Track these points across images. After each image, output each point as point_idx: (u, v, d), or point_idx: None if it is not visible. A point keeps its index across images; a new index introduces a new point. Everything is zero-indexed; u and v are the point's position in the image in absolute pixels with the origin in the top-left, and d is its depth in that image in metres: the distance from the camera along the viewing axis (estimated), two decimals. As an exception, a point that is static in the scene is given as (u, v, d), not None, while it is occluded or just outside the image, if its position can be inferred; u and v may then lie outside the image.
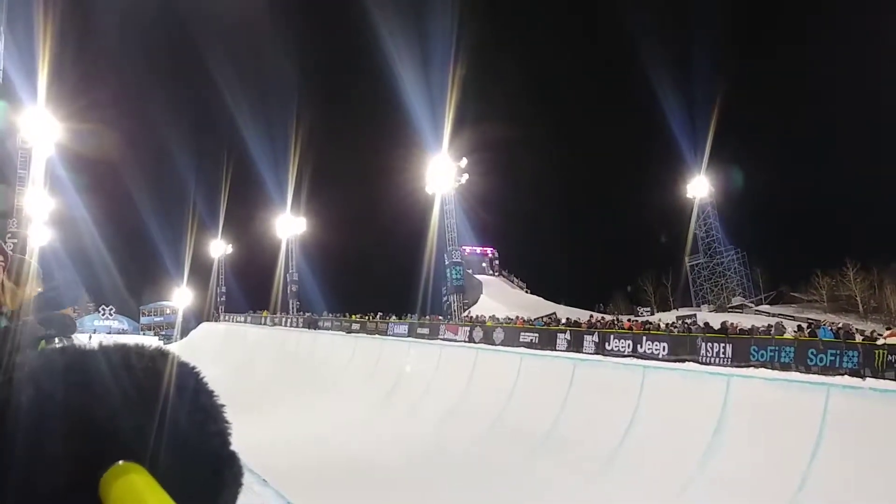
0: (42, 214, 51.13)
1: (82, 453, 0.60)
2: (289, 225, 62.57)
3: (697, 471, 17.75)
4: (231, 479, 0.71)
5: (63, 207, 57.35)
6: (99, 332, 69.55)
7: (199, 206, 73.97)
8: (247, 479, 0.76)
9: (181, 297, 78.84)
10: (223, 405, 0.75)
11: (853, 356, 18.36)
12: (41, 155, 45.34)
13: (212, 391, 0.76)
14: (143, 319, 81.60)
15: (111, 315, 76.31)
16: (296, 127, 63.07)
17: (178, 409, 0.68)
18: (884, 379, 17.20)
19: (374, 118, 79.86)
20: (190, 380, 0.74)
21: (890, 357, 17.70)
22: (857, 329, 24.99)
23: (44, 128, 44.76)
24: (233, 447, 0.73)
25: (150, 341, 0.80)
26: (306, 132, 63.34)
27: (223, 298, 71.47)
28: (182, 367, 0.74)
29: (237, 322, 60.57)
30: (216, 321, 67.60)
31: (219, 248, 73.75)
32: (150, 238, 73.09)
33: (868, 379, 17.41)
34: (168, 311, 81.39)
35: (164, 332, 77.71)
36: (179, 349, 62.48)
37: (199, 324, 70.33)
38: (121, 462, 0.59)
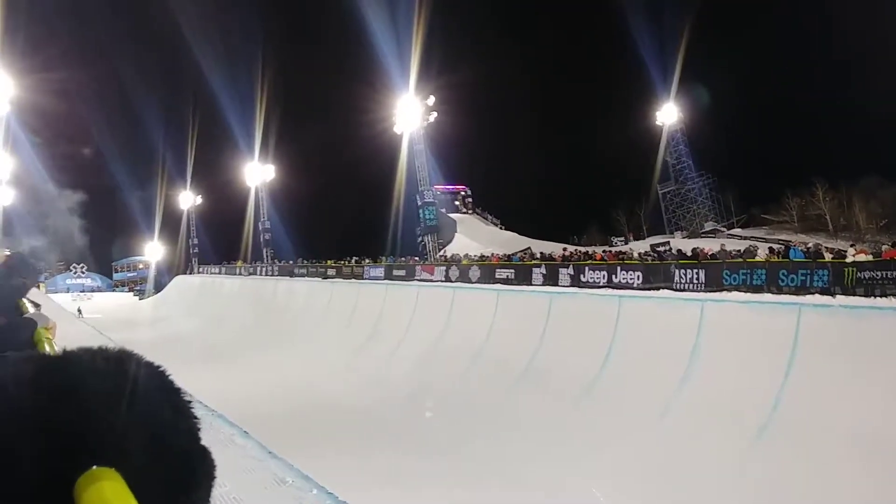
0: (2, 174, 50.02)
1: (54, 460, 0.59)
2: (257, 172, 61.81)
3: (675, 395, 18.08)
4: (203, 475, 0.71)
5: (24, 166, 56.23)
6: (72, 290, 69.15)
7: (166, 158, 72.88)
8: (228, 431, 0.73)
9: (153, 251, 78.13)
10: (191, 401, 0.74)
11: (823, 275, 18.59)
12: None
13: (179, 388, 0.74)
14: (116, 276, 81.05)
15: (83, 273, 75.58)
16: (261, 71, 61.97)
17: (147, 410, 0.68)
18: (854, 296, 17.47)
19: (340, 58, 78.68)
20: (157, 379, 0.73)
21: (859, 274, 17.95)
22: (826, 248, 25.33)
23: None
24: (203, 442, 0.73)
25: (109, 345, 0.74)
26: (271, 76, 62.26)
27: (195, 251, 70.86)
28: (148, 367, 0.74)
29: (212, 274, 60.31)
30: (190, 274, 67.15)
31: (188, 199, 72.74)
32: (117, 193, 72.03)
33: (838, 297, 17.68)
34: (141, 266, 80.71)
35: (137, 288, 77.31)
36: (154, 303, 62.57)
37: (172, 278, 69.82)
38: (94, 467, 0.59)
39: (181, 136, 70.55)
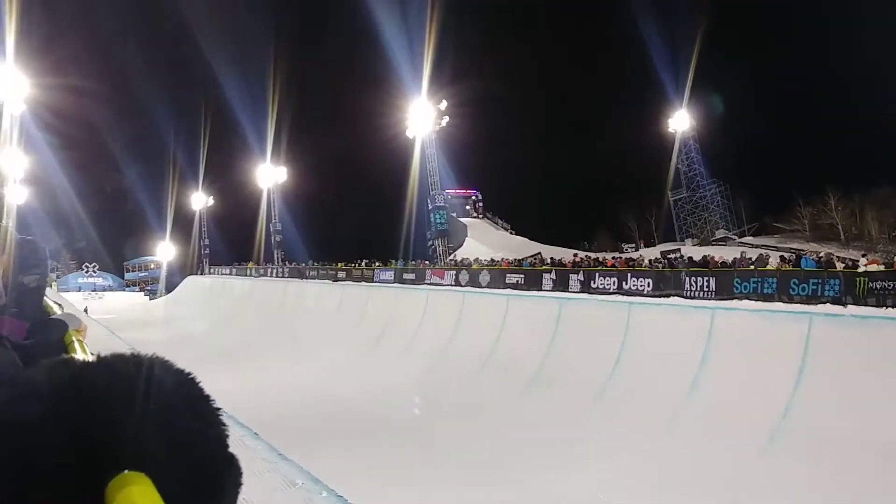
0: (17, 173, 50.42)
1: (87, 464, 0.60)
2: (270, 174, 61.98)
3: (685, 403, 18.06)
4: (231, 482, 0.72)
5: (39, 165, 56.66)
6: (83, 289, 69.46)
7: (178, 159, 73.06)
8: (238, 432, 0.76)
9: (165, 251, 78.43)
10: (220, 409, 0.75)
11: (835, 284, 18.54)
12: (12, 112, 44.50)
13: (208, 396, 0.75)
14: (128, 275, 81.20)
15: (95, 272, 75.80)
16: (273, 73, 61.85)
17: (178, 417, 0.69)
18: (865, 306, 17.43)
19: (353, 61, 78.53)
20: (187, 387, 0.74)
21: (871, 284, 17.89)
22: (838, 257, 25.24)
23: (14, 84, 43.81)
24: (231, 449, 0.73)
25: (127, 353, 0.78)
26: (284, 78, 62.18)
27: (207, 251, 71.04)
28: (179, 375, 0.75)
29: (222, 275, 60.41)
30: (201, 274, 67.36)
31: (200, 200, 72.98)
32: (130, 193, 72.55)
33: (849, 306, 17.63)
34: (152, 266, 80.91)
35: (148, 288, 77.56)
36: (165, 303, 62.76)
37: (183, 278, 70.01)
38: (125, 472, 0.60)
39: (194, 137, 70.79)
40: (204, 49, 65.68)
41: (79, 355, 1.61)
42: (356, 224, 71.34)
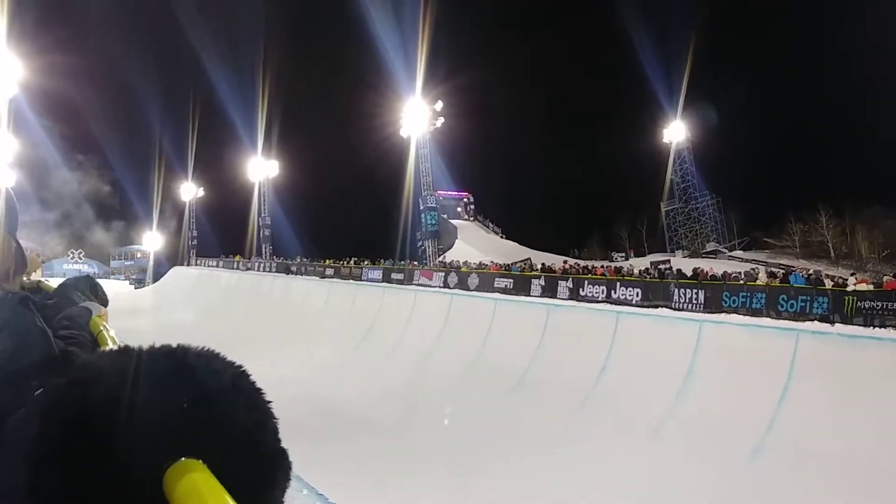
0: (6, 155, 50.07)
1: (148, 449, 0.63)
2: (260, 168, 61.77)
3: (669, 413, 18.06)
4: (283, 475, 0.74)
5: (28, 149, 56.33)
6: (68, 275, 68.78)
7: (167, 149, 73.02)
8: None
9: (152, 241, 78.07)
10: (271, 401, 0.78)
11: (823, 302, 18.59)
12: (4, 95, 44.24)
13: (261, 389, 0.78)
14: (114, 263, 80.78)
15: (80, 258, 75.44)
16: (265, 67, 61.91)
17: (235, 408, 0.72)
18: (852, 325, 17.47)
19: (347, 58, 78.37)
20: (242, 379, 0.77)
21: (859, 303, 17.93)
22: (827, 275, 25.28)
23: (6, 67, 43.53)
24: (283, 444, 0.76)
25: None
26: (275, 73, 62.18)
27: (194, 242, 70.73)
28: (235, 368, 0.78)
29: (209, 267, 60.07)
30: (187, 265, 66.99)
31: (189, 191, 72.74)
32: (118, 180, 72.14)
33: (837, 325, 17.67)
34: (139, 255, 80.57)
35: (134, 277, 77.05)
36: (150, 293, 62.39)
37: (170, 268, 69.67)
38: (183, 459, 0.63)
39: (184, 128, 70.77)
40: (195, 40, 65.81)
41: (108, 341, 1.62)
42: (348, 222, 71.43)
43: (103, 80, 68.96)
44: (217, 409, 0.69)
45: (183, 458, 0.62)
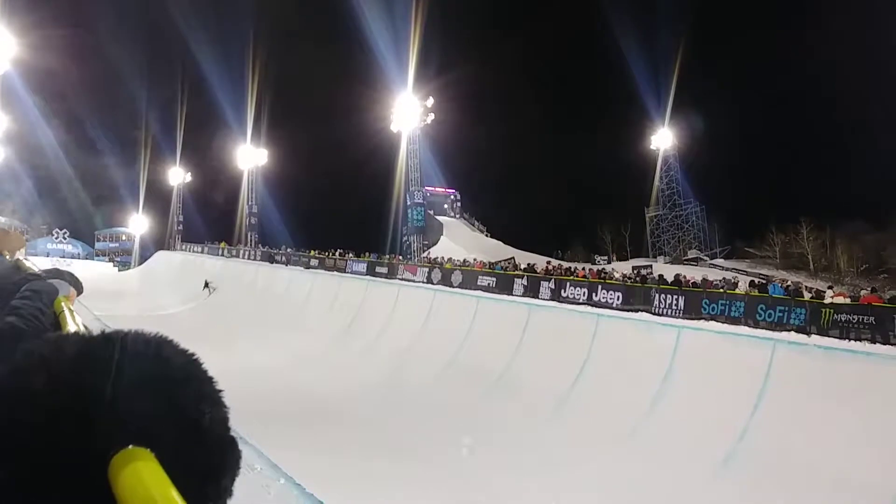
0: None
1: (93, 437, 0.62)
2: (249, 156, 61.56)
3: (644, 418, 18.21)
4: (232, 464, 0.75)
5: (15, 126, 55.89)
6: (52, 255, 68.38)
7: (156, 132, 72.69)
8: None
9: (138, 224, 77.68)
10: (222, 390, 0.78)
11: (801, 313, 18.86)
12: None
13: (212, 377, 0.78)
14: (98, 244, 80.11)
15: (65, 238, 74.79)
16: (253, 57, 61.73)
17: (185, 396, 0.72)
18: (828, 336, 17.72)
19: (338, 51, 78.38)
20: (194, 367, 0.77)
21: (836, 316, 18.21)
22: (806, 287, 25.60)
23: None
24: (232, 432, 0.77)
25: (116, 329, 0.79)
26: (265, 63, 62.05)
27: (180, 227, 70.40)
28: (186, 355, 0.78)
29: (194, 252, 59.77)
30: (172, 250, 66.68)
31: (177, 175, 72.39)
32: (106, 162, 71.76)
33: (813, 336, 17.91)
34: (124, 238, 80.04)
35: (119, 259, 76.55)
36: (133, 276, 62.01)
37: (155, 252, 69.32)
38: (130, 447, 0.62)
39: (172, 113, 70.52)
40: (185, 26, 65.33)
41: (70, 323, 1.64)
42: (336, 214, 71.41)
43: (91, 60, 68.54)
44: (165, 396, 0.69)
45: (130, 447, 0.62)
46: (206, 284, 45.41)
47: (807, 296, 21.08)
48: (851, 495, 13.48)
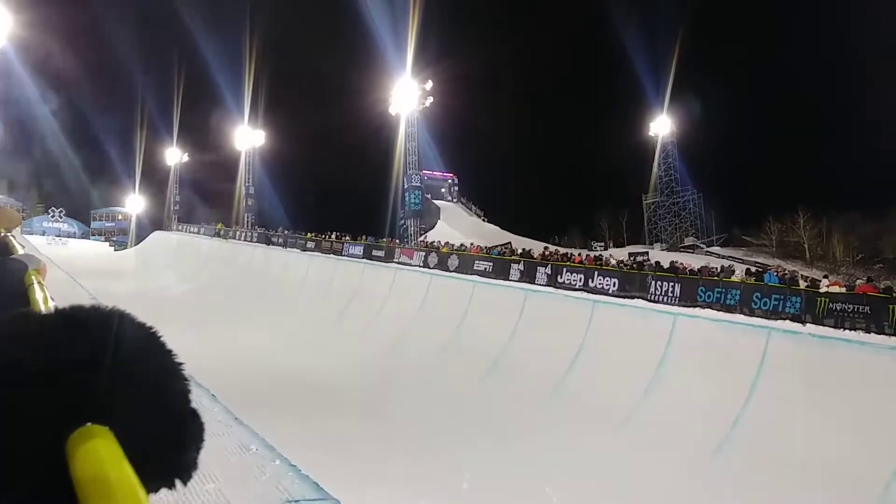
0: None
1: (48, 415, 0.61)
2: (247, 137, 61.35)
3: (638, 404, 18.28)
4: (193, 437, 0.73)
5: (12, 103, 55.67)
6: (48, 234, 68.29)
7: (153, 112, 72.39)
8: (195, 392, 0.75)
9: (134, 203, 77.53)
10: (182, 363, 0.75)
11: (796, 302, 18.90)
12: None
13: (171, 350, 0.75)
14: (94, 224, 79.99)
15: (60, 217, 74.56)
16: (251, 37, 61.40)
17: (141, 370, 0.70)
18: (823, 325, 17.77)
19: (337, 33, 77.86)
20: (149, 340, 0.75)
21: (831, 305, 18.26)
22: (802, 276, 25.66)
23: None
24: (194, 405, 0.75)
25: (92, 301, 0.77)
26: (263, 44, 61.76)
27: (177, 207, 70.28)
28: (141, 328, 0.75)
29: (190, 233, 59.68)
30: (168, 230, 66.57)
31: (174, 155, 72.18)
32: (103, 141, 71.54)
33: (808, 325, 17.96)
34: (120, 217, 79.91)
35: (115, 238, 76.40)
36: (129, 256, 61.91)
37: (151, 232, 69.19)
38: (88, 424, 0.61)
39: (169, 93, 70.24)
40: (183, 6, 64.74)
41: (38, 296, 1.61)
42: (334, 196, 71.33)
43: (88, 38, 67.97)
44: (123, 372, 0.67)
45: (88, 424, 0.61)
46: None
47: (802, 285, 21.13)
48: (842, 483, 13.56)
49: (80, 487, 0.55)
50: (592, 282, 24.02)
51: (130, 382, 0.67)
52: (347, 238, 40.17)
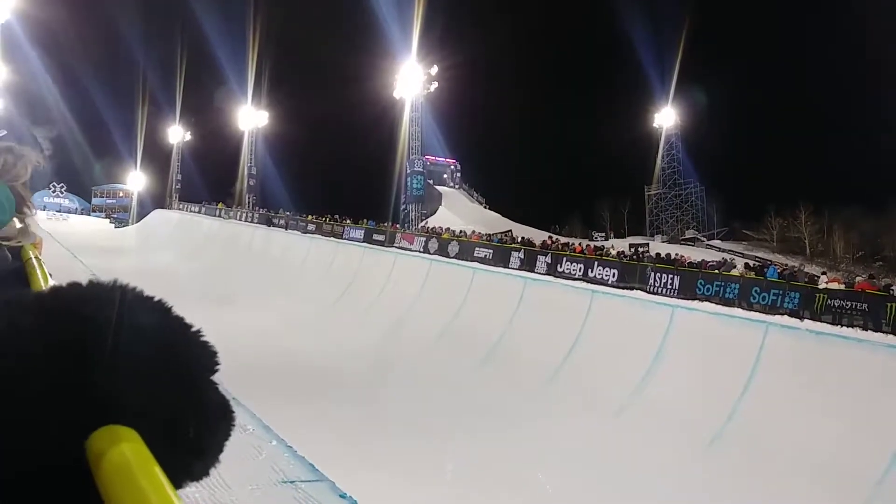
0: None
1: (71, 414, 0.53)
2: (250, 117, 61.23)
3: (634, 395, 18.35)
4: (226, 433, 0.65)
5: (14, 77, 55.47)
6: (48, 209, 68.21)
7: (155, 89, 72.21)
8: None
9: (136, 181, 77.44)
10: (216, 352, 0.66)
11: (794, 297, 18.93)
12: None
13: (205, 341, 0.65)
14: (95, 200, 79.75)
15: (62, 193, 74.39)
16: (254, 16, 61.18)
17: (185, 366, 0.62)
18: (820, 321, 17.82)
19: (342, 14, 77.40)
20: (191, 331, 0.65)
21: (829, 301, 18.30)
22: (802, 271, 25.69)
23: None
24: (224, 394, 0.66)
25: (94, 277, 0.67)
26: (267, 23, 61.49)
27: (178, 186, 70.24)
28: (181, 320, 0.65)
29: (191, 212, 59.61)
30: (170, 209, 66.50)
31: (177, 134, 72.10)
32: (105, 117, 71.32)
33: (806, 321, 18.00)
34: (121, 195, 79.69)
35: (115, 216, 76.28)
36: (129, 233, 61.87)
37: (152, 210, 69.13)
38: (115, 425, 0.53)
39: (172, 71, 70.06)
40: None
41: (38, 273, 1.56)
42: (337, 179, 71.14)
43: (91, 12, 67.71)
44: (151, 366, 0.58)
45: (115, 425, 0.53)
46: None
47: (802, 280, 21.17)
48: (835, 478, 13.64)
49: (110, 500, 0.48)
50: (592, 272, 24.05)
51: (173, 379, 0.60)
52: (348, 221, 40.15)
